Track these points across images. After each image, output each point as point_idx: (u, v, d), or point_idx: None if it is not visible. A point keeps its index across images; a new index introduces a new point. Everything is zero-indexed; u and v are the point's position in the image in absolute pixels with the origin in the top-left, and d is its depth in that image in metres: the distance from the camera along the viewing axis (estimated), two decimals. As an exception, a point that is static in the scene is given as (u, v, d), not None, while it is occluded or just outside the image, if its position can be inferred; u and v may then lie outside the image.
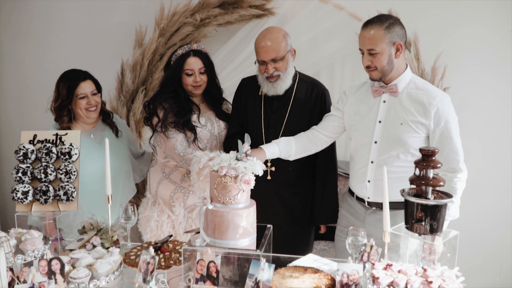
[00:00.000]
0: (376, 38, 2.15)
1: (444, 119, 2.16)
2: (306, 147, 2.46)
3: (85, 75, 2.61)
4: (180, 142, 2.57)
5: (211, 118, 2.67)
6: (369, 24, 2.19)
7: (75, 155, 2.20)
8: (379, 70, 2.21)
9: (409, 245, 2.01)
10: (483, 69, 3.14)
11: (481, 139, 3.08)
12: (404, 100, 2.23)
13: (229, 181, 1.86)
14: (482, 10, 3.11)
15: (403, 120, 2.21)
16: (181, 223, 2.65)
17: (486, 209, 3.14)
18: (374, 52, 2.17)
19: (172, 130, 2.56)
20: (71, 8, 3.67)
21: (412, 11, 3.08)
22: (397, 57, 2.19)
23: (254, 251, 1.80)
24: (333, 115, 2.48)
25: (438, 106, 2.16)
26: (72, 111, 2.61)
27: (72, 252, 1.99)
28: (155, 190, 2.71)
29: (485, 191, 3.09)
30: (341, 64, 3.30)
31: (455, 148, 2.18)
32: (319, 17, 3.24)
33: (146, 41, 3.40)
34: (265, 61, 2.46)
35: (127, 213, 2.18)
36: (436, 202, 1.80)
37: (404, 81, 2.25)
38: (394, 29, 2.16)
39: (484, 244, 3.16)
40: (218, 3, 3.22)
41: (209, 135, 2.62)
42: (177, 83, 2.58)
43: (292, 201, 2.64)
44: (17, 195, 2.13)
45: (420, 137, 2.21)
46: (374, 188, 2.33)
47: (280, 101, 2.60)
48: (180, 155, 2.57)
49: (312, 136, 2.46)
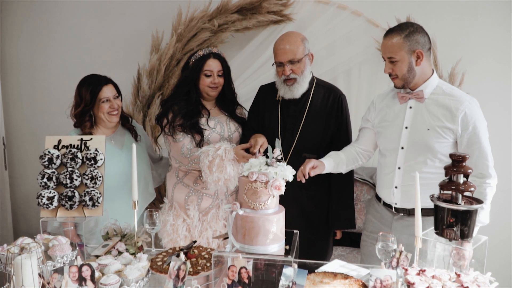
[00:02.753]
0: (395, 47, 2.20)
1: (472, 124, 2.16)
2: (355, 159, 2.51)
3: (106, 80, 2.64)
4: (187, 146, 2.60)
5: (221, 121, 2.69)
6: (389, 33, 2.24)
7: (100, 160, 2.19)
8: (400, 78, 2.25)
9: (437, 250, 2.01)
10: (501, 76, 3.14)
11: (504, 145, 3.09)
12: (431, 105, 2.24)
13: (259, 187, 1.86)
14: (499, 17, 3.12)
15: (429, 125, 2.22)
16: (196, 226, 2.67)
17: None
18: (394, 60, 2.22)
19: (180, 134, 2.60)
20: (87, 13, 3.68)
21: (430, 17, 3.08)
22: (418, 64, 2.21)
23: (286, 257, 1.79)
24: (365, 128, 2.52)
25: (466, 111, 2.16)
26: (93, 116, 2.63)
27: (99, 258, 1.98)
28: (170, 194, 2.75)
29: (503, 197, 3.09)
30: (358, 70, 3.30)
31: (484, 153, 2.17)
32: (337, 23, 3.25)
33: (162, 46, 3.41)
34: (282, 63, 2.49)
35: (152, 219, 2.18)
36: (467, 207, 1.79)
37: (430, 87, 2.26)
38: (414, 37, 2.18)
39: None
40: (236, 9, 3.23)
41: (219, 137, 2.64)
42: (192, 84, 2.62)
43: (309, 205, 2.64)
44: (43, 200, 2.12)
45: (448, 142, 2.21)
46: (402, 194, 2.33)
47: (296, 105, 2.61)
48: (187, 157, 2.59)
49: (354, 150, 2.52)
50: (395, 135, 2.32)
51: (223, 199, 2.68)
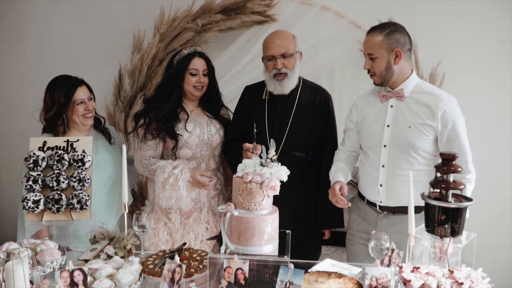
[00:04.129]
0: (375, 44, 2.27)
1: (452, 121, 2.22)
2: (351, 162, 2.57)
3: (79, 81, 2.54)
4: (147, 157, 2.57)
5: (202, 123, 2.64)
6: (371, 31, 2.31)
7: (88, 162, 2.14)
8: (378, 75, 2.31)
9: (426, 248, 2.06)
10: (479, 76, 3.25)
11: (477, 144, 3.18)
12: (411, 104, 2.29)
13: (254, 187, 1.85)
14: (477, 20, 3.22)
15: (411, 123, 2.27)
16: (178, 229, 2.63)
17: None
18: (373, 57, 2.28)
19: (146, 144, 2.56)
20: (66, 12, 3.59)
21: (411, 19, 3.14)
22: (396, 63, 2.26)
23: (282, 258, 1.79)
24: (349, 130, 2.56)
25: (445, 108, 2.22)
26: (66, 119, 2.51)
27: (89, 262, 1.94)
28: (152, 198, 2.69)
29: (482, 195, 3.19)
30: (341, 70, 3.34)
31: (463, 149, 2.23)
32: (320, 24, 3.29)
33: (144, 46, 3.35)
34: (274, 56, 2.50)
35: (141, 222, 2.14)
36: (457, 205, 1.84)
37: (410, 86, 2.32)
38: (394, 36, 2.25)
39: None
40: (220, 9, 3.22)
41: (198, 140, 2.59)
42: (176, 84, 2.57)
43: (298, 204, 2.64)
44: (28, 204, 2.05)
45: (429, 139, 2.26)
46: (386, 192, 2.37)
47: (284, 103, 2.62)
48: (143, 166, 2.57)
49: (346, 155, 2.57)
50: (377, 134, 2.36)
51: (205, 202, 2.65)
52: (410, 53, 2.33)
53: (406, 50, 2.28)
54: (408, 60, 2.31)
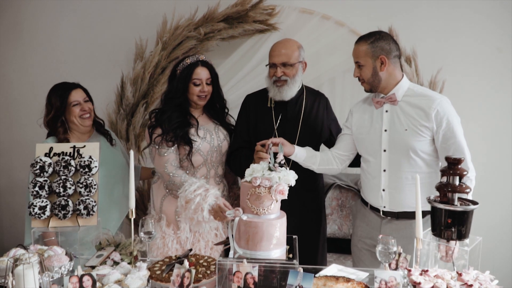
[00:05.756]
0: (361, 52, 2.36)
1: (446, 120, 2.25)
2: (329, 161, 2.57)
3: (74, 84, 2.65)
4: (172, 162, 2.52)
5: (210, 130, 2.65)
6: (359, 40, 2.41)
7: (95, 167, 2.14)
8: (366, 82, 2.40)
9: (430, 252, 2.07)
10: (479, 83, 3.30)
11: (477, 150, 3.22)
12: (405, 107, 2.34)
13: (263, 192, 1.85)
14: (474, 29, 3.28)
15: (407, 126, 2.31)
16: (187, 238, 2.60)
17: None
18: (360, 64, 2.38)
19: (165, 148, 2.52)
20: (69, 21, 3.62)
21: (411, 28, 3.22)
22: (382, 70, 2.33)
23: (292, 262, 1.80)
24: (344, 134, 2.59)
25: (438, 108, 2.26)
26: (66, 121, 2.60)
27: (96, 268, 1.93)
28: (159, 206, 2.66)
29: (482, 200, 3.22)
30: (342, 78, 3.38)
31: (460, 147, 2.25)
32: (321, 33, 3.33)
33: (146, 54, 3.37)
34: (275, 64, 2.55)
35: (148, 228, 2.13)
36: (463, 208, 1.86)
37: (402, 90, 2.37)
38: (379, 44, 2.32)
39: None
40: (222, 18, 3.25)
41: (209, 147, 2.59)
42: (183, 97, 2.56)
43: (303, 209, 2.64)
44: (35, 210, 2.04)
45: (426, 140, 2.30)
46: (390, 196, 2.39)
47: (293, 109, 2.66)
48: (169, 174, 2.51)
49: (330, 153, 2.59)
50: (376, 139, 2.40)
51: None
52: (398, 59, 2.39)
53: (392, 56, 2.34)
54: (396, 65, 2.37)
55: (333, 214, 3.33)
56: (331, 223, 3.33)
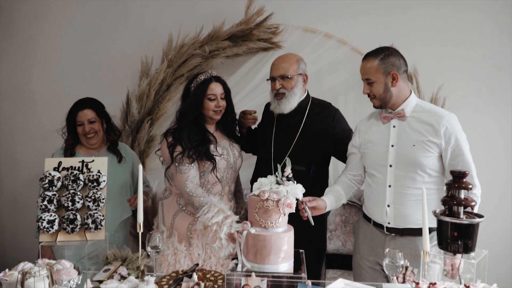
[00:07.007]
0: (371, 69, 2.34)
1: (454, 137, 2.26)
2: (350, 187, 2.59)
3: (84, 105, 2.76)
4: (191, 179, 2.49)
5: (226, 147, 2.66)
6: (367, 57, 2.39)
7: (103, 182, 2.16)
8: (377, 98, 2.37)
9: (437, 268, 2.08)
10: (479, 101, 3.36)
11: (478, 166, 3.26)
12: (413, 123, 2.34)
13: (271, 205, 1.87)
14: (474, 48, 3.36)
15: (415, 141, 2.31)
16: (199, 254, 2.58)
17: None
18: (371, 81, 2.35)
19: (186, 165, 2.49)
20: (75, 38, 3.68)
21: (412, 46, 3.28)
22: (393, 85, 2.33)
23: (300, 275, 1.80)
24: (352, 154, 2.58)
25: (447, 125, 2.27)
26: (77, 135, 2.79)
27: (104, 282, 1.93)
28: (170, 222, 2.62)
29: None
30: (345, 95, 3.43)
31: (468, 164, 2.27)
32: (324, 51, 3.40)
33: (152, 71, 3.42)
34: (274, 77, 2.63)
35: (155, 242, 2.13)
36: (469, 221, 1.87)
37: (410, 106, 2.37)
38: (389, 60, 2.32)
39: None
40: (227, 36, 3.31)
41: (226, 164, 2.60)
42: (198, 111, 2.57)
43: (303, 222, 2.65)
44: (43, 224, 2.06)
45: (433, 156, 2.29)
46: (394, 212, 2.37)
47: (290, 120, 2.70)
48: (189, 193, 2.48)
49: (346, 179, 2.59)
50: (382, 154, 2.39)
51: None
52: (406, 75, 2.40)
53: (402, 72, 2.35)
54: (405, 81, 2.38)
55: (337, 230, 3.34)
56: (335, 239, 3.33)
